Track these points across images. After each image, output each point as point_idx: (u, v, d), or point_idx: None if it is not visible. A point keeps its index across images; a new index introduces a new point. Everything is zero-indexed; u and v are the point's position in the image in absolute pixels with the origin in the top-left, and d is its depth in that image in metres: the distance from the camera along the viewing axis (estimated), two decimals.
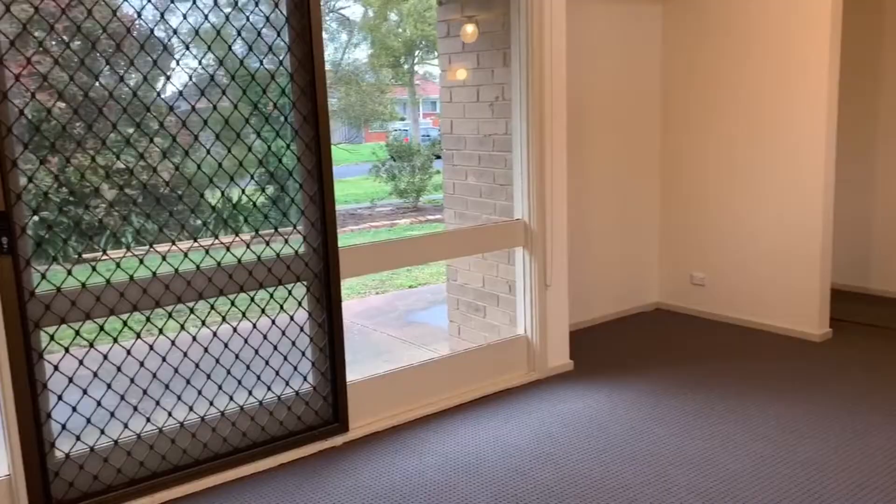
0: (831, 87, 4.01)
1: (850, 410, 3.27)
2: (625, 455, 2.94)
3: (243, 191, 2.97)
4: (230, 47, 2.79)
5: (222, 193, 2.86)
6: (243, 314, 2.93)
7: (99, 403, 2.64)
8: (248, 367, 2.96)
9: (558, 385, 3.73)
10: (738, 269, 4.55)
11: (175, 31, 2.66)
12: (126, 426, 2.71)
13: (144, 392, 2.74)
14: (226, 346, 2.90)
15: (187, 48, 2.70)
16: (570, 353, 4.09)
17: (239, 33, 2.80)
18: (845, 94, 5.10)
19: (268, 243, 2.95)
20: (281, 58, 2.90)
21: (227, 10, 2.77)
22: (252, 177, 2.96)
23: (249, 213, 3.00)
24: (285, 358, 3.07)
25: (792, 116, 4.15)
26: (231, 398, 2.96)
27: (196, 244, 2.80)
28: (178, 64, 2.69)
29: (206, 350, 2.87)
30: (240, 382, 2.96)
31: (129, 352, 2.67)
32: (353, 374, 3.33)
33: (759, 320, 4.47)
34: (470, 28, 4.06)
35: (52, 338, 2.51)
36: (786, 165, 4.22)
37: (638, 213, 4.85)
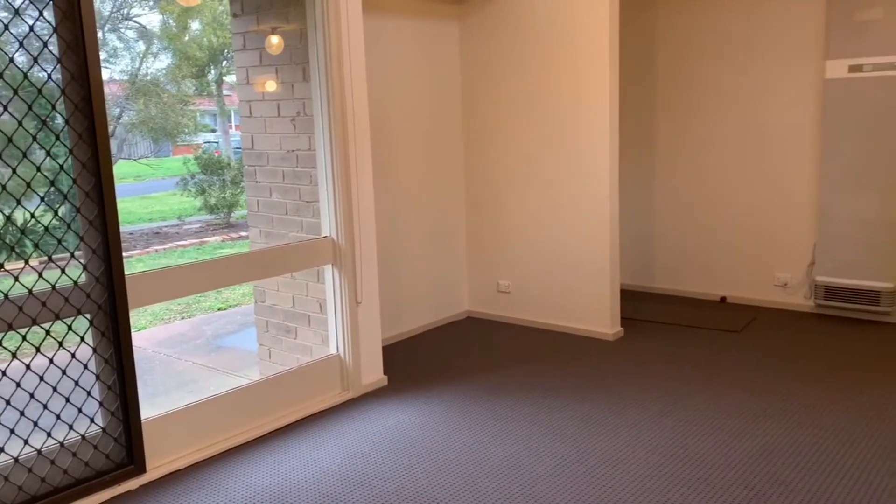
0: (612, 105, 4.33)
1: (641, 404, 3.53)
2: (435, 468, 2.97)
3: (8, 217, 2.66)
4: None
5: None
6: (13, 355, 2.62)
7: None
8: (22, 414, 2.65)
9: (372, 402, 3.70)
10: (538, 275, 4.79)
11: None
12: None
13: None
14: None
15: None
16: (383, 368, 4.09)
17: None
18: (626, 113, 5.55)
19: (40, 274, 2.67)
20: (50, 71, 2.64)
21: None
22: (18, 201, 2.65)
23: (18, 241, 2.69)
24: (67, 400, 2.78)
25: (579, 131, 4.44)
26: (1, 450, 2.63)
27: None
28: None
29: None
30: (12, 431, 2.64)
31: None
32: (153, 410, 3.10)
33: (560, 323, 4.73)
34: (275, 39, 3.95)
35: None
36: (576, 176, 4.51)
37: (446, 225, 4.97)
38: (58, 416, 2.75)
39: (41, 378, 2.70)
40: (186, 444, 3.16)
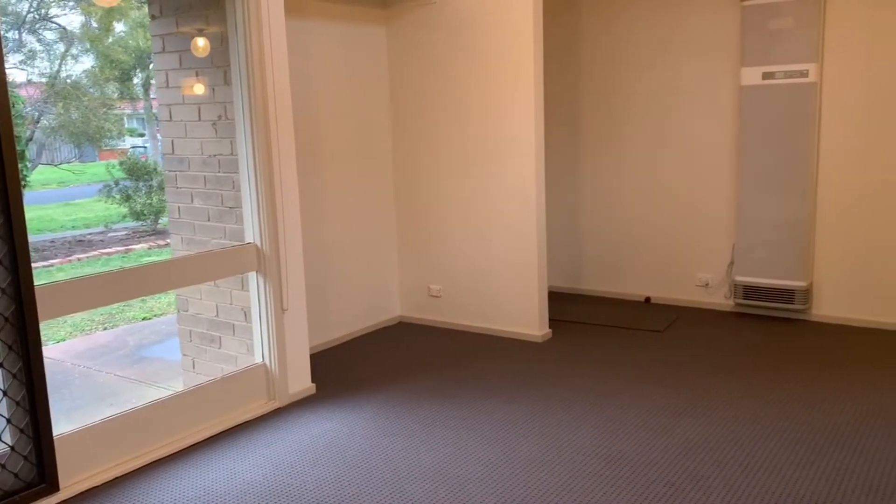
0: (538, 110, 4.39)
1: (568, 404, 3.58)
2: (362, 475, 2.95)
3: None
4: None
5: None
6: None
7: None
8: None
9: (299, 411, 3.65)
10: (468, 279, 4.81)
11: None
12: None
13: None
14: None
15: None
16: (311, 376, 4.04)
17: None
18: (552, 118, 5.64)
19: None
20: None
21: None
22: None
23: None
24: None
25: (506, 135, 4.49)
26: None
27: None
28: None
29: None
30: None
31: None
32: (69, 425, 2.98)
33: (490, 326, 4.77)
34: (201, 42, 3.85)
35: None
36: (504, 179, 4.55)
37: (377, 229, 4.94)
38: None
39: None
40: (104, 459, 3.05)
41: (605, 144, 5.44)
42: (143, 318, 6.55)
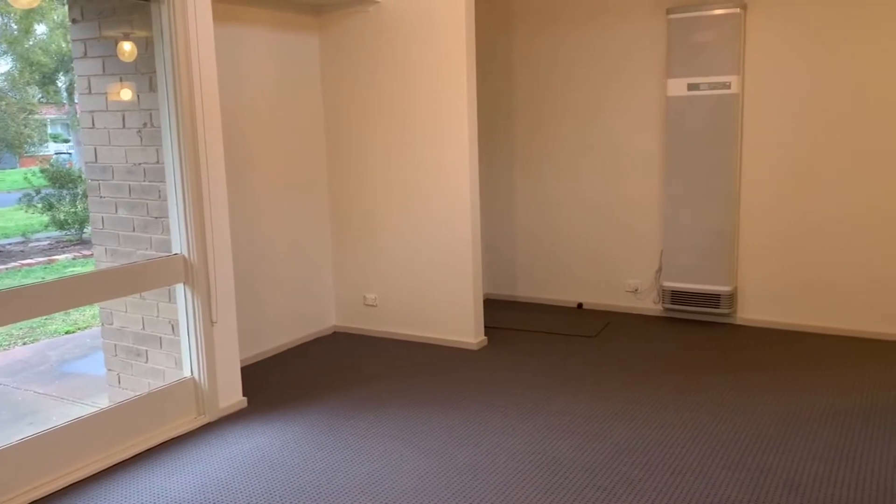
0: (471, 119, 4.42)
1: (502, 411, 3.60)
2: (294, 491, 2.89)
3: None
4: None
5: None
6: None
7: None
8: None
9: (230, 426, 3.56)
10: (403, 288, 4.79)
11: None
12: None
13: None
14: None
15: None
16: (243, 390, 3.95)
17: None
18: (486, 128, 5.69)
19: None
20: None
21: None
22: None
23: None
24: None
25: (440, 143, 4.50)
26: None
27: None
28: None
29: None
30: None
31: None
32: None
33: (426, 334, 4.76)
34: (128, 46, 3.73)
35: None
36: (439, 189, 4.56)
37: (311, 238, 4.88)
38: None
39: None
40: (22, 482, 2.90)
41: (538, 153, 5.51)
42: (67, 332, 6.29)
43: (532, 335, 4.86)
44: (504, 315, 5.35)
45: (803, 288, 4.71)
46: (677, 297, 4.99)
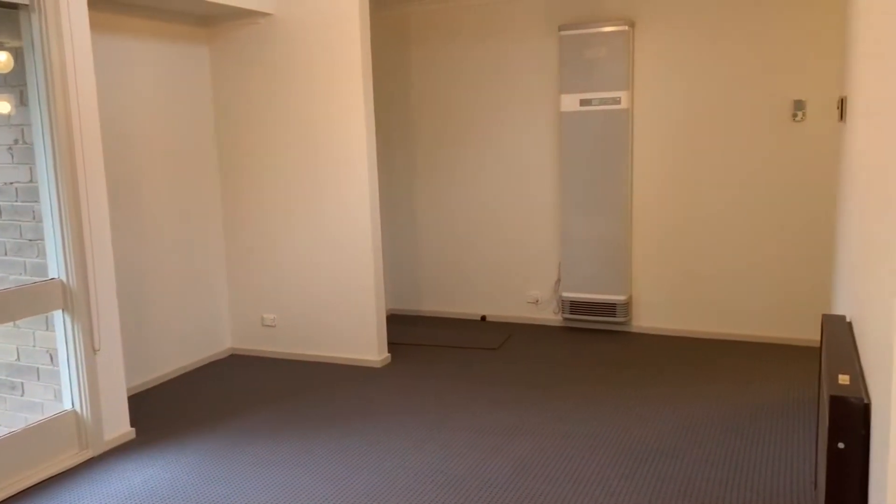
0: (369, 135, 4.37)
1: (404, 430, 3.55)
2: None
3: None
4: None
5: None
6: None
7: None
8: None
9: (117, 460, 3.35)
10: (303, 306, 4.68)
11: None
12: None
13: None
14: None
15: None
16: (131, 420, 3.74)
17: None
18: (386, 144, 5.65)
19: None
20: None
21: None
22: None
23: None
24: None
25: (338, 159, 4.42)
26: None
27: None
28: None
29: None
30: None
31: None
32: None
33: (328, 354, 4.66)
34: (3, 56, 3.46)
35: None
36: (336, 203, 4.48)
37: (204, 258, 4.69)
38: None
39: None
40: None
41: (438, 168, 5.52)
42: None
43: (436, 350, 4.84)
44: (408, 330, 5.31)
45: (693, 295, 4.90)
46: (576, 307, 5.09)
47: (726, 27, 4.59)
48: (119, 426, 3.54)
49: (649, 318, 5.05)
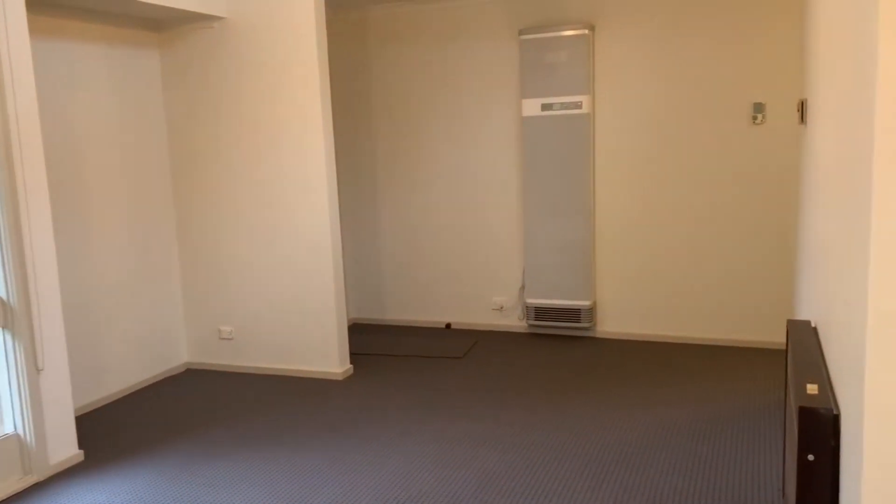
0: (327, 142, 4.26)
1: (366, 445, 3.44)
2: None
3: None
4: None
5: None
6: None
7: None
8: None
9: (63, 484, 3.19)
10: (262, 319, 4.55)
11: None
12: None
13: None
14: None
15: None
16: (79, 442, 3.58)
17: None
18: (345, 151, 5.54)
19: None
20: None
21: None
22: None
23: None
24: None
25: (296, 168, 4.31)
26: None
27: None
28: None
29: None
30: None
31: None
32: None
33: (288, 367, 4.53)
34: None
35: None
36: (294, 212, 4.36)
37: (156, 270, 4.53)
38: None
39: None
40: None
41: (399, 174, 5.43)
42: None
43: (400, 360, 4.74)
44: (371, 340, 5.20)
45: (657, 299, 4.88)
46: (540, 313, 5.03)
47: (686, 31, 4.59)
48: (65, 449, 3.37)
49: (614, 323, 5.01)
